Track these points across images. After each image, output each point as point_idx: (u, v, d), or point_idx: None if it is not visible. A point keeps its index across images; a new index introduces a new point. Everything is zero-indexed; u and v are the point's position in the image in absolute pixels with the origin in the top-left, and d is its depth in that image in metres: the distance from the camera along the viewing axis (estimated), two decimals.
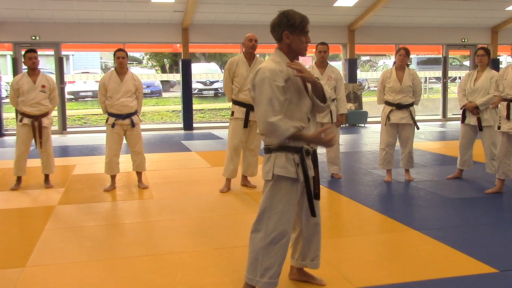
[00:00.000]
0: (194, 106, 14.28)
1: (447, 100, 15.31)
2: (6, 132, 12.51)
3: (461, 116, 6.44)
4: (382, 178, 6.47)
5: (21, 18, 11.84)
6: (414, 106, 6.31)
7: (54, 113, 12.14)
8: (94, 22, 12.33)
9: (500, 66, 15.46)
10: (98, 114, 16.72)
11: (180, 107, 14.51)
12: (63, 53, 13.05)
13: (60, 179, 6.68)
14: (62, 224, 4.71)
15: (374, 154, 8.38)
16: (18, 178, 6.24)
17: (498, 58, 15.49)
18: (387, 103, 6.30)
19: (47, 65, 20.91)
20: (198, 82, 20.45)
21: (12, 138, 6.23)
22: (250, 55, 5.78)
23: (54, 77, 12.77)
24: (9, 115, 14.38)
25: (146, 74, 21.69)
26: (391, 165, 6.39)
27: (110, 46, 13.95)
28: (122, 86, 5.91)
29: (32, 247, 4.01)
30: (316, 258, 3.19)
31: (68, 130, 13.17)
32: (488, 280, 3.28)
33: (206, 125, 14.91)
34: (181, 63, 13.30)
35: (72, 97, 19.90)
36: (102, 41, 12.99)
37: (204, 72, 20.53)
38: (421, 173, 6.87)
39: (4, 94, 12.84)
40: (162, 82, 22.51)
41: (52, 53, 13.12)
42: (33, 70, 6.11)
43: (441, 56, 15.40)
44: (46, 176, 6.32)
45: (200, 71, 20.23)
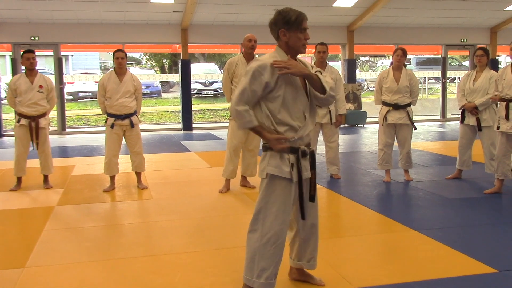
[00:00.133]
0: (194, 107, 14.28)
1: (446, 100, 15.32)
2: (5, 132, 12.51)
3: (460, 116, 6.44)
4: (381, 178, 6.47)
5: (20, 19, 11.83)
6: (412, 106, 6.32)
7: (53, 113, 12.17)
8: (93, 23, 12.33)
9: (499, 66, 15.46)
10: (97, 115, 16.71)
11: (179, 108, 14.52)
12: (62, 53, 13.04)
13: (59, 180, 6.68)
14: (62, 224, 4.71)
15: (373, 154, 8.38)
16: (18, 179, 6.24)
17: (497, 58, 15.51)
18: (384, 104, 6.30)
19: (46, 65, 20.93)
20: (197, 82, 20.47)
21: (11, 138, 6.24)
22: (250, 56, 5.78)
23: (53, 77, 12.78)
24: (8, 116, 14.37)
25: (145, 74, 21.69)
26: (390, 165, 6.40)
27: (109, 47, 13.93)
28: (121, 86, 5.91)
29: (31, 248, 4.00)
30: (312, 259, 3.18)
31: (67, 130, 13.17)
32: (487, 280, 3.28)
33: (205, 125, 14.92)
34: (180, 64, 13.30)
35: (71, 97, 19.90)
36: (101, 41, 12.99)
37: (203, 72, 20.54)
38: (420, 173, 6.87)
39: (3, 94, 12.82)
40: (161, 82, 22.52)
41: (51, 53, 13.12)
42: (30, 71, 6.10)
43: (440, 56, 15.42)
44: (45, 176, 6.32)
45: (199, 72, 20.24)
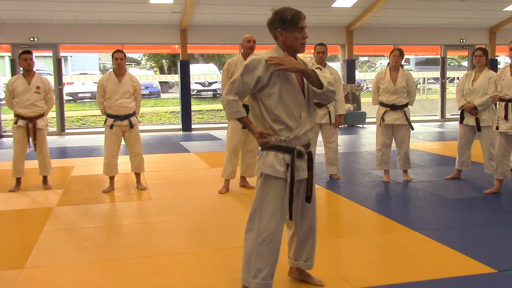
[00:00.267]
0: (193, 107, 14.28)
1: (446, 100, 15.33)
2: (4, 133, 12.50)
3: (459, 116, 6.45)
4: (380, 179, 6.47)
5: (19, 19, 11.83)
6: (411, 106, 6.32)
7: (53, 114, 12.17)
8: (92, 23, 12.32)
9: (498, 66, 15.48)
10: (96, 115, 16.71)
11: (178, 108, 14.52)
12: (62, 54, 13.04)
13: (58, 181, 6.67)
14: (61, 225, 4.71)
15: (372, 154, 8.38)
16: (18, 180, 6.24)
17: (496, 58, 15.52)
18: (382, 104, 6.31)
19: (46, 66, 20.92)
20: (196, 83, 20.46)
21: (11, 139, 6.23)
22: (248, 56, 5.76)
23: (52, 78, 12.78)
24: (8, 117, 14.35)
25: (145, 75, 21.71)
26: (388, 165, 6.40)
27: (109, 47, 13.93)
28: (120, 87, 5.90)
29: (30, 249, 4.00)
30: (309, 259, 3.18)
31: (66, 131, 13.16)
32: (486, 280, 3.29)
33: (204, 126, 14.92)
34: (179, 64, 13.30)
35: (70, 98, 19.89)
36: (100, 42, 12.99)
37: (202, 73, 20.54)
38: (419, 173, 6.87)
39: (3, 95, 12.81)
40: (160, 83, 22.51)
41: (50, 54, 13.11)
42: (28, 72, 6.09)
43: (439, 56, 15.42)
44: (44, 177, 6.32)
45: (198, 72, 20.24)
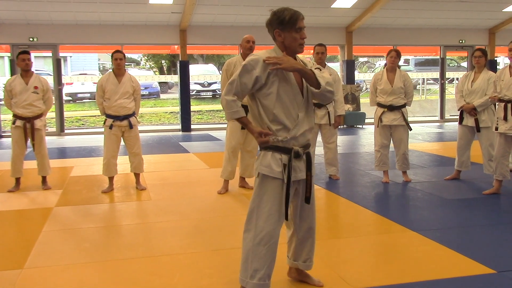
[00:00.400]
0: (192, 108, 14.29)
1: (445, 101, 15.35)
2: (4, 134, 12.50)
3: (458, 117, 6.45)
4: (379, 179, 6.48)
5: (19, 20, 11.83)
6: (409, 107, 6.33)
7: (52, 114, 12.17)
8: (92, 24, 12.32)
9: (497, 67, 15.49)
10: (96, 116, 16.70)
11: (178, 109, 14.52)
12: (61, 54, 13.05)
13: (58, 181, 6.67)
14: (60, 225, 4.71)
15: (372, 155, 8.38)
16: (17, 180, 6.23)
17: (495, 59, 15.54)
18: (379, 105, 6.31)
19: (45, 66, 20.89)
20: (196, 83, 20.47)
21: (10, 140, 6.22)
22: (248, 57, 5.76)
23: (52, 78, 12.78)
24: (7, 117, 14.33)
25: (144, 75, 21.73)
26: (387, 166, 6.40)
27: (108, 48, 13.94)
28: (119, 87, 5.90)
29: (30, 249, 4.00)
30: (308, 260, 3.18)
31: (66, 131, 13.16)
32: (486, 281, 3.28)
33: (204, 126, 14.92)
34: (179, 65, 13.30)
35: (70, 98, 19.88)
36: (100, 42, 13.00)
37: (202, 73, 20.54)
38: (418, 174, 6.88)
39: (2, 95, 12.81)
40: (160, 83, 22.51)
41: (50, 54, 13.10)
42: (26, 72, 6.08)
43: (438, 57, 15.43)
44: (43, 177, 6.31)
45: (198, 73, 20.24)
